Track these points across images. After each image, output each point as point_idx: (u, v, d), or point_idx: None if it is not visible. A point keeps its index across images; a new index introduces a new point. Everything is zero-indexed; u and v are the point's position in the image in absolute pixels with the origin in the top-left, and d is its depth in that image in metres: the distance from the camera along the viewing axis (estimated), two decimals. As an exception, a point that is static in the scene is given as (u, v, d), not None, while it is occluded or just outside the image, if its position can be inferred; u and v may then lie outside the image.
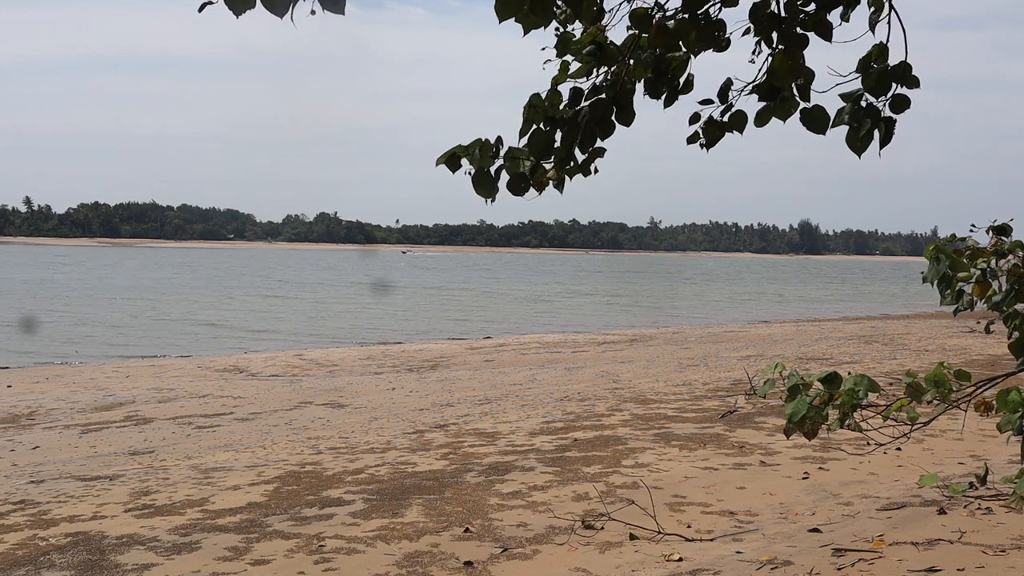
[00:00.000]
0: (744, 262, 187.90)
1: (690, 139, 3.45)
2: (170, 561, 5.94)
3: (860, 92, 3.16)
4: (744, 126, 3.39)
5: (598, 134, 3.21)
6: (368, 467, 8.70)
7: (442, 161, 3.07)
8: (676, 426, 10.35)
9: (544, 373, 16.91)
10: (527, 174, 3.14)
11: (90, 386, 16.51)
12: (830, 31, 3.17)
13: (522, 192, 3.15)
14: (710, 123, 3.41)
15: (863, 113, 3.16)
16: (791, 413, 3.68)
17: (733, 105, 3.38)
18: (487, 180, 3.10)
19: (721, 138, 3.42)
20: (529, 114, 3.15)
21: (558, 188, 3.19)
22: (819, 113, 3.23)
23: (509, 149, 3.13)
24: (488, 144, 3.09)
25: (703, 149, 3.44)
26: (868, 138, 3.17)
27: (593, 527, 6.39)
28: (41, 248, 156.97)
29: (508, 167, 3.11)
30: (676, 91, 3.27)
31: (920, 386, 3.65)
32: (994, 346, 18.61)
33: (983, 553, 4.84)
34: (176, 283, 60.72)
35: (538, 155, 3.15)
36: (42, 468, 9.43)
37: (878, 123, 3.15)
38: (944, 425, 9.51)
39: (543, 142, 3.16)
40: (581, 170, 3.26)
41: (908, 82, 3.14)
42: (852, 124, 3.16)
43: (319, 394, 14.87)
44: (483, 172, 3.09)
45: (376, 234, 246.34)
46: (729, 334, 26.34)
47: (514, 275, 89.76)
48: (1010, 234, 3.84)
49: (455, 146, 3.11)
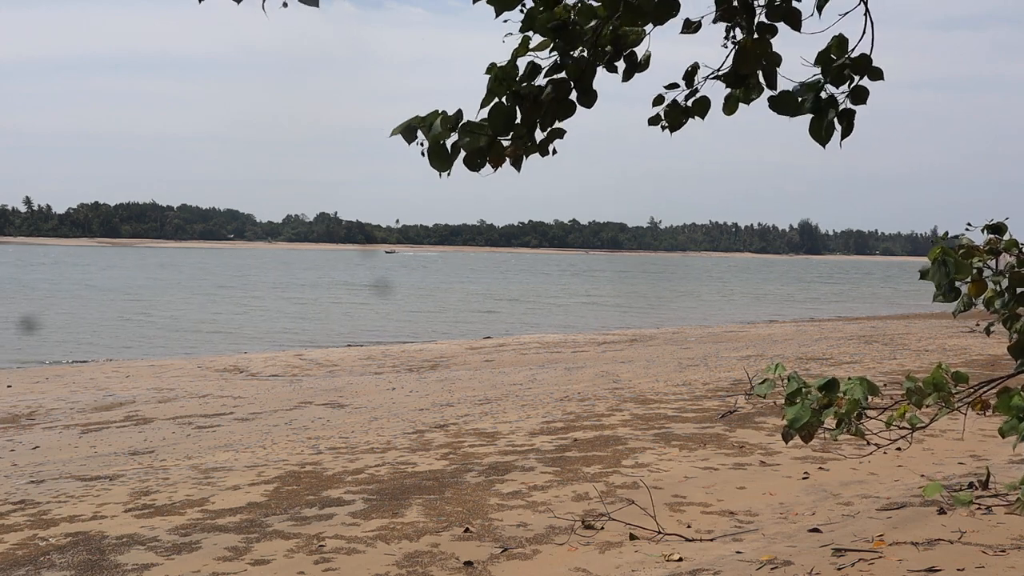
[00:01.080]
0: (744, 262, 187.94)
1: (651, 120, 3.46)
2: (170, 561, 5.94)
3: (820, 82, 3.18)
4: (707, 111, 3.40)
5: (559, 114, 3.20)
6: (368, 467, 8.70)
7: (398, 131, 3.04)
8: (676, 426, 10.35)
9: (544, 373, 16.91)
10: (484, 149, 3.11)
11: (90, 386, 16.52)
12: (799, 20, 3.18)
13: (478, 168, 3.11)
14: (673, 107, 3.42)
15: (825, 104, 3.18)
16: (792, 419, 3.67)
17: (698, 90, 3.39)
18: (443, 153, 3.06)
19: (684, 123, 3.43)
20: (494, 86, 3.10)
21: (515, 166, 3.16)
22: (787, 97, 3.25)
23: (467, 123, 3.07)
24: (447, 117, 3.05)
25: (665, 131, 3.45)
26: (831, 129, 3.19)
27: (593, 527, 6.39)
28: (40, 248, 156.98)
29: (465, 142, 3.07)
30: (634, 67, 3.27)
31: (921, 390, 3.65)
32: (994, 346, 18.61)
33: (983, 553, 4.84)
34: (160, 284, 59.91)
35: (498, 130, 3.10)
36: (42, 468, 9.43)
37: (839, 115, 3.17)
38: (944, 425, 9.50)
39: (504, 117, 3.11)
40: (539, 149, 3.24)
41: (870, 74, 3.16)
42: (815, 113, 3.18)
43: (319, 394, 14.87)
44: (439, 145, 3.04)
45: (376, 234, 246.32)
46: (729, 334, 26.35)
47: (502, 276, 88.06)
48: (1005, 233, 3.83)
49: (412, 117, 3.05)
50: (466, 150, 3.07)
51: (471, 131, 3.07)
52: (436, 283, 70.10)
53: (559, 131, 3.23)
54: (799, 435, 3.69)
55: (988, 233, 3.86)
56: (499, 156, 3.12)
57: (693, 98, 3.40)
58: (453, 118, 3.05)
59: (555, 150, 3.26)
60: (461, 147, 3.07)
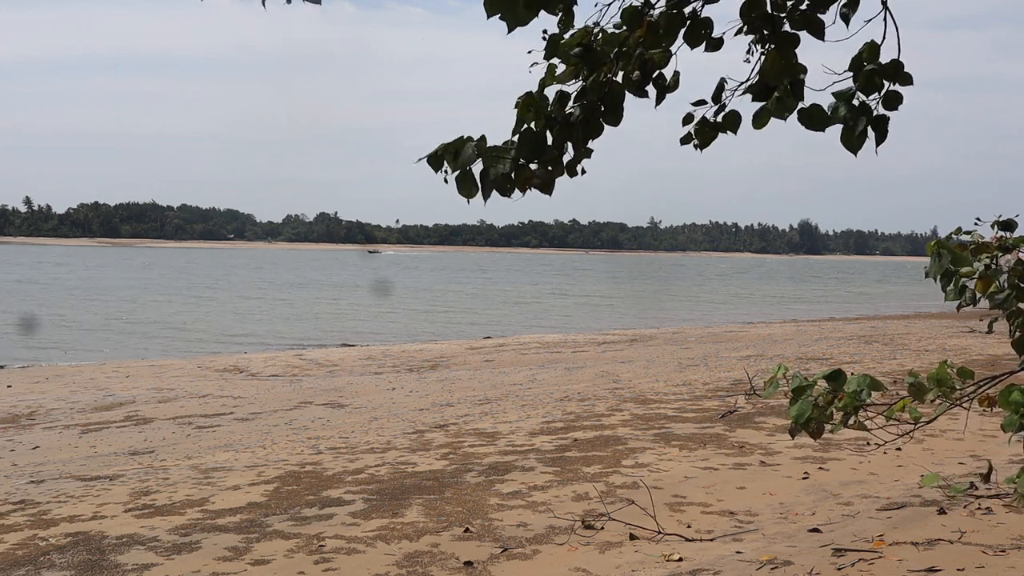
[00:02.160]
0: (744, 262, 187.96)
1: (683, 140, 3.44)
2: (170, 561, 5.94)
3: (852, 90, 3.16)
4: (738, 126, 3.38)
5: (588, 135, 3.19)
6: (368, 467, 8.70)
7: (426, 159, 3.04)
8: (676, 426, 10.35)
9: (544, 373, 16.90)
10: (510, 175, 3.10)
11: (90, 386, 16.51)
12: (822, 29, 3.17)
13: (508, 193, 3.10)
14: (703, 124, 3.40)
15: (856, 111, 3.16)
16: (796, 415, 3.67)
17: (727, 106, 3.37)
18: (469, 181, 3.05)
19: (715, 139, 3.42)
20: (522, 113, 3.11)
21: (546, 191, 3.13)
22: (817, 111, 3.23)
23: (491, 148, 3.07)
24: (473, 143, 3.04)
25: (697, 150, 3.44)
26: (863, 136, 3.18)
27: (593, 527, 6.39)
28: (39, 248, 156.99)
29: (492, 168, 3.05)
30: (664, 89, 3.26)
31: (923, 385, 3.65)
32: (994, 346, 18.62)
33: (983, 553, 4.84)
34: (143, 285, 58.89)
35: (527, 155, 3.10)
36: (42, 468, 9.43)
37: (871, 121, 3.16)
38: (944, 425, 9.50)
39: (534, 142, 3.11)
40: (568, 171, 3.24)
41: (900, 79, 3.14)
42: (847, 123, 3.16)
43: (319, 394, 14.87)
44: (466, 172, 3.03)
45: (376, 234, 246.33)
46: (729, 334, 26.35)
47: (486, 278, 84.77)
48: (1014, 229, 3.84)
49: (439, 145, 3.05)
50: (493, 175, 3.06)
51: (494, 156, 3.06)
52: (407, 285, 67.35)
53: (587, 151, 3.21)
54: (806, 432, 3.69)
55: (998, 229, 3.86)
56: (527, 179, 3.10)
57: (722, 113, 3.38)
58: (480, 144, 3.04)
59: (584, 170, 3.24)
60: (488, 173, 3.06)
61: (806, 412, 3.66)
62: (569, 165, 3.22)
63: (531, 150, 3.10)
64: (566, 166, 3.21)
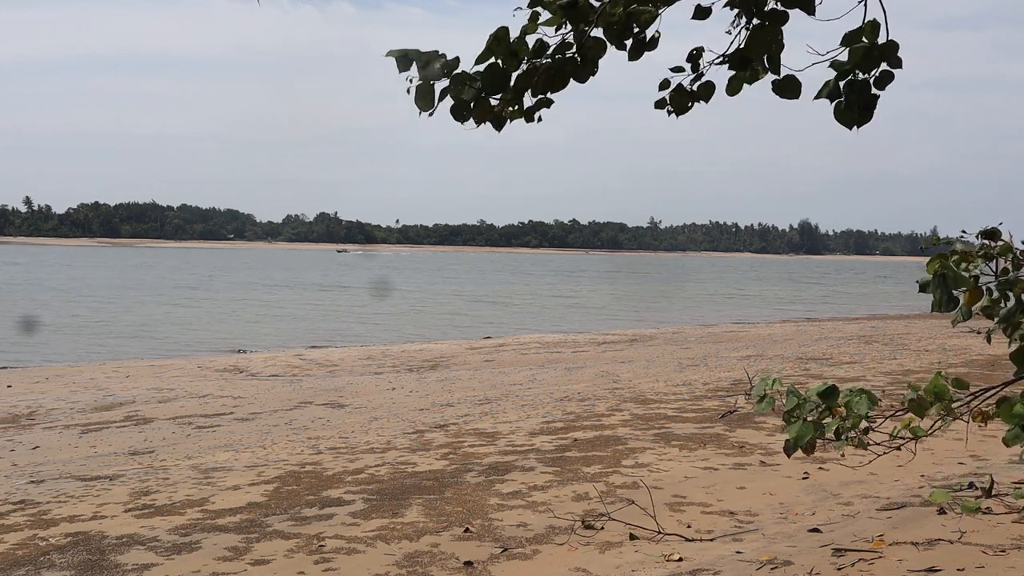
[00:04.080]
0: (744, 262, 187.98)
1: (657, 104, 3.47)
2: (170, 561, 5.94)
3: (850, 66, 3.18)
4: (711, 95, 3.42)
5: (551, 84, 3.20)
6: (368, 467, 8.70)
7: (394, 55, 3.03)
8: (676, 426, 10.35)
9: (544, 373, 16.90)
10: (470, 102, 3.11)
11: (90, 386, 16.51)
12: (812, 5, 3.18)
13: (462, 119, 3.12)
14: (679, 90, 3.43)
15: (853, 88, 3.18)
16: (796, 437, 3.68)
17: (704, 74, 3.40)
18: (429, 94, 3.05)
19: (689, 108, 3.44)
20: (492, 44, 3.10)
21: (496, 126, 3.17)
22: (790, 81, 3.26)
23: (460, 73, 3.07)
24: (447, 61, 3.04)
25: (670, 116, 3.46)
26: (859, 112, 3.20)
27: (593, 527, 6.39)
28: (38, 248, 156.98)
29: (454, 91, 3.06)
30: (643, 44, 3.27)
31: (924, 400, 3.65)
32: (994, 346, 18.57)
33: (983, 553, 4.84)
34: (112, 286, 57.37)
35: (489, 88, 3.11)
36: (42, 468, 9.43)
37: (864, 98, 3.17)
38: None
39: (497, 77, 3.11)
40: (525, 115, 3.25)
41: (892, 61, 3.16)
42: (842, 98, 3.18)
43: (319, 394, 14.87)
44: (428, 84, 3.03)
45: (376, 234, 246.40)
46: (729, 334, 26.34)
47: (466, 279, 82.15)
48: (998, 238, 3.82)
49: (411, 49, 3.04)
50: (453, 99, 3.08)
51: (462, 82, 3.07)
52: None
53: (547, 101, 3.24)
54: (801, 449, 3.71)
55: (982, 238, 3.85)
56: (484, 112, 3.12)
57: (698, 82, 3.41)
58: (451, 63, 3.05)
59: (540, 118, 3.28)
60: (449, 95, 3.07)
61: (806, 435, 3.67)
62: (528, 110, 3.24)
63: (493, 84, 3.11)
64: (525, 110, 3.23)
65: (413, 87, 3.04)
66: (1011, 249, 3.75)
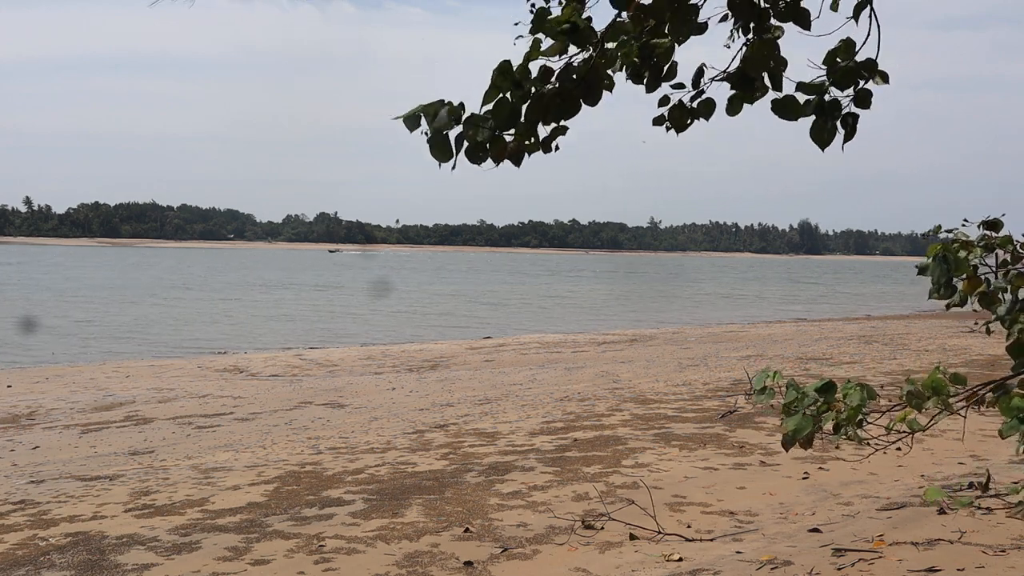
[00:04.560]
0: (744, 262, 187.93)
1: (656, 121, 3.45)
2: (170, 561, 5.94)
3: (825, 85, 3.18)
4: (711, 113, 3.39)
5: (562, 112, 3.18)
6: (368, 467, 8.70)
7: (402, 118, 3.02)
8: (676, 426, 10.35)
9: (544, 373, 16.90)
10: (486, 143, 3.09)
11: (90, 386, 16.52)
12: (808, 20, 3.17)
13: (479, 161, 3.09)
14: (678, 107, 3.41)
15: (828, 107, 3.17)
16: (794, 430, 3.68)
17: (704, 91, 3.38)
18: (444, 144, 3.04)
19: (689, 125, 3.42)
20: (497, 80, 3.08)
21: (515, 162, 3.13)
22: (791, 102, 3.25)
23: (471, 115, 3.05)
24: (452, 108, 3.02)
25: (668, 132, 3.44)
26: (832, 132, 3.19)
27: (593, 527, 6.39)
28: (37, 248, 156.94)
29: (468, 134, 3.04)
30: (659, 77, 3.26)
31: (921, 393, 3.66)
32: (994, 346, 18.60)
33: (983, 553, 4.84)
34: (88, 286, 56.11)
35: (501, 125, 3.08)
36: (42, 468, 9.43)
37: (843, 118, 3.17)
38: (944, 425, 9.49)
39: (508, 112, 3.09)
40: (542, 146, 3.22)
41: (877, 77, 3.15)
42: (817, 117, 3.18)
43: (319, 394, 14.87)
44: (441, 135, 3.01)
45: (376, 234, 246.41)
46: (729, 334, 26.35)
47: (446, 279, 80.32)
48: (1000, 229, 3.83)
49: (418, 105, 3.03)
50: (468, 143, 3.06)
51: (475, 124, 3.05)
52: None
53: (562, 128, 3.21)
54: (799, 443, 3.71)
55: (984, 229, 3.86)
56: (501, 150, 3.10)
57: (699, 100, 3.39)
58: (458, 110, 3.03)
59: (558, 147, 3.25)
60: (464, 139, 3.05)
61: (805, 428, 3.67)
62: (544, 141, 3.22)
63: (504, 120, 3.09)
64: (541, 141, 3.21)
65: (427, 142, 3.00)
66: (1011, 241, 3.76)
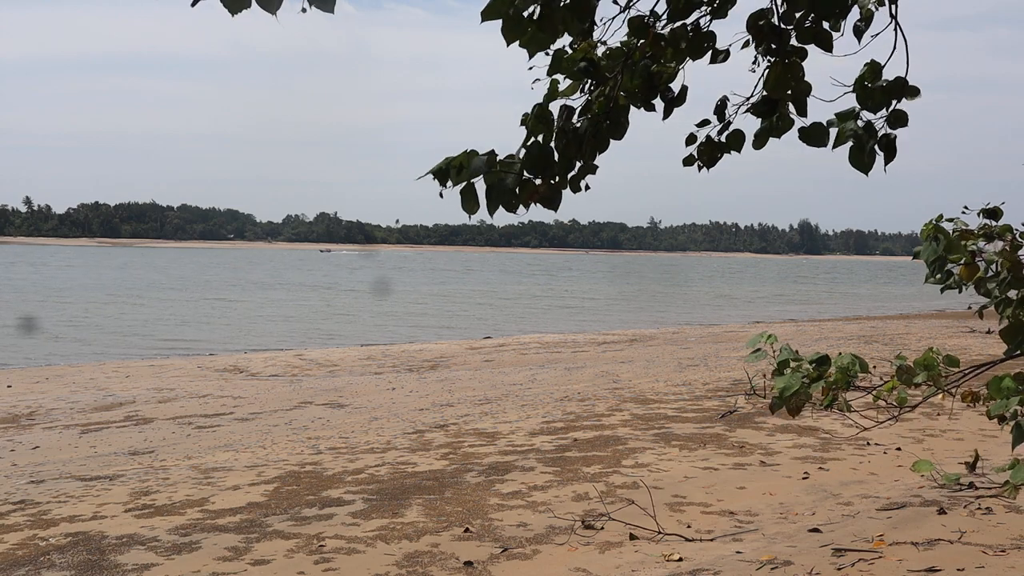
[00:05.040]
0: (744, 262, 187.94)
1: (686, 161, 3.39)
2: (170, 561, 5.94)
3: (856, 111, 3.15)
4: (742, 145, 3.33)
5: (595, 149, 3.16)
6: (368, 467, 8.70)
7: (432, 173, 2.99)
8: (676, 426, 10.35)
9: (544, 373, 16.90)
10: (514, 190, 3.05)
11: (90, 386, 16.51)
12: (831, 42, 3.15)
13: (513, 209, 3.05)
14: (707, 143, 3.36)
15: (865, 131, 3.14)
16: (783, 387, 3.63)
17: (731, 123, 3.33)
18: (473, 196, 2.96)
19: (720, 159, 3.36)
20: (533, 126, 3.04)
21: (550, 206, 3.06)
22: (817, 129, 3.22)
23: (500, 162, 2.99)
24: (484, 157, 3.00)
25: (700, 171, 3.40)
26: (872, 155, 3.15)
27: (593, 527, 6.39)
28: (36, 248, 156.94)
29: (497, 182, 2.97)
30: (672, 103, 3.24)
31: (910, 368, 3.64)
32: (994, 346, 18.60)
33: (983, 553, 4.84)
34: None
35: (534, 170, 3.04)
36: (42, 468, 9.43)
37: (878, 140, 3.14)
38: (944, 425, 9.52)
39: (541, 156, 3.04)
40: (572, 185, 3.19)
41: (907, 94, 3.12)
42: (857, 143, 3.14)
43: (319, 394, 14.87)
44: (470, 186, 2.94)
45: (376, 234, 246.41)
46: (729, 334, 26.34)
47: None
48: (1000, 217, 3.83)
49: (445, 159, 2.96)
50: (497, 190, 3.00)
51: (502, 171, 2.99)
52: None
53: (593, 167, 3.18)
54: (787, 407, 3.65)
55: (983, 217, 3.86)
56: (531, 194, 3.05)
57: (726, 132, 3.34)
58: (490, 159, 2.98)
59: (588, 186, 3.20)
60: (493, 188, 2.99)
61: (794, 386, 3.62)
62: (573, 180, 3.17)
63: (538, 164, 3.04)
64: (570, 181, 3.17)
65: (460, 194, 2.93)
66: (1011, 229, 3.76)
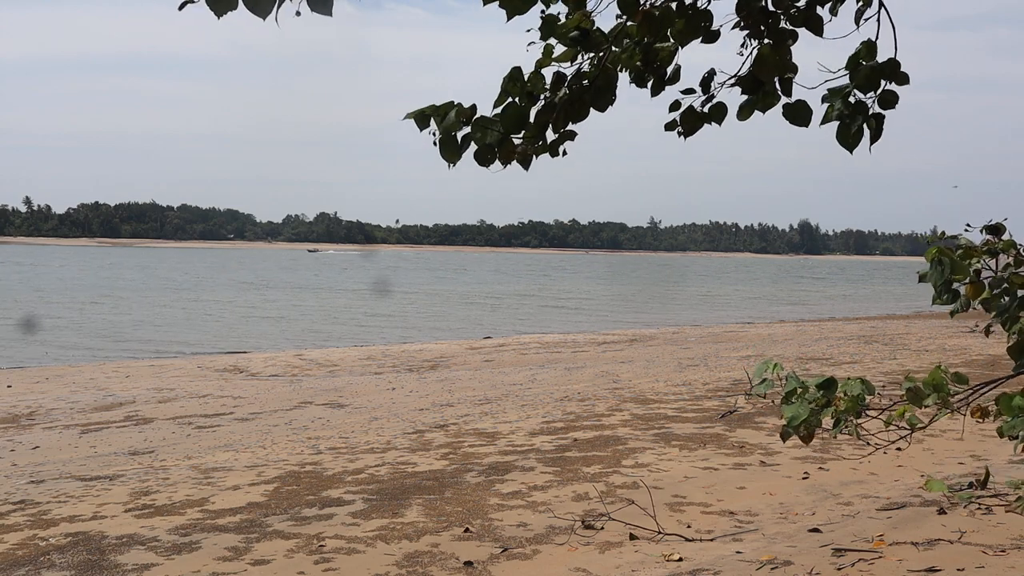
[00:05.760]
0: (744, 262, 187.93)
1: (668, 126, 3.46)
2: (170, 561, 5.94)
3: (849, 88, 3.18)
4: (723, 117, 3.41)
5: (571, 116, 3.20)
6: (368, 467, 8.70)
7: (411, 117, 3.04)
8: (676, 426, 10.35)
9: (544, 373, 16.91)
10: (495, 146, 3.11)
11: (90, 386, 16.51)
12: (821, 26, 3.18)
13: (488, 163, 3.12)
14: (689, 112, 3.42)
15: (853, 109, 3.17)
16: (791, 417, 3.66)
17: (715, 96, 3.39)
18: (453, 145, 3.07)
19: (699, 128, 3.44)
20: (508, 86, 3.11)
21: (523, 165, 3.16)
22: (801, 107, 3.25)
23: (480, 118, 3.08)
24: (462, 109, 3.05)
25: (681, 137, 3.45)
26: (859, 134, 3.19)
27: (593, 527, 6.39)
28: (35, 248, 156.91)
29: (477, 136, 3.07)
30: (663, 81, 3.28)
31: (920, 390, 3.65)
32: (994, 346, 18.61)
33: (983, 553, 4.84)
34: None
35: (510, 128, 3.11)
36: (42, 468, 9.43)
37: (868, 119, 3.17)
38: (944, 425, 9.50)
39: (517, 116, 3.12)
40: (550, 150, 3.25)
41: (898, 79, 3.15)
42: (843, 120, 3.18)
43: (319, 394, 14.87)
44: (450, 136, 3.04)
45: (376, 234, 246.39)
46: (729, 334, 26.35)
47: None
48: (1003, 234, 3.82)
49: (427, 105, 3.06)
50: (477, 144, 3.08)
51: (484, 126, 3.07)
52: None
53: (570, 133, 3.23)
54: (798, 435, 3.69)
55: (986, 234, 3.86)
56: (509, 153, 3.12)
57: (710, 104, 3.40)
58: (468, 111, 3.05)
59: (565, 151, 3.27)
60: (472, 141, 3.07)
61: (802, 415, 3.65)
62: (552, 144, 3.24)
63: (514, 124, 3.11)
64: (549, 145, 3.23)
65: (438, 142, 3.04)
66: (1014, 245, 3.76)
